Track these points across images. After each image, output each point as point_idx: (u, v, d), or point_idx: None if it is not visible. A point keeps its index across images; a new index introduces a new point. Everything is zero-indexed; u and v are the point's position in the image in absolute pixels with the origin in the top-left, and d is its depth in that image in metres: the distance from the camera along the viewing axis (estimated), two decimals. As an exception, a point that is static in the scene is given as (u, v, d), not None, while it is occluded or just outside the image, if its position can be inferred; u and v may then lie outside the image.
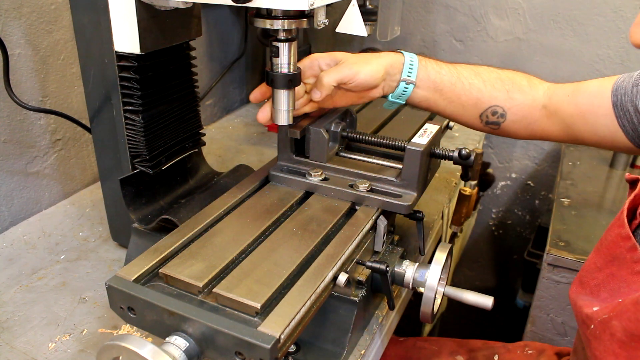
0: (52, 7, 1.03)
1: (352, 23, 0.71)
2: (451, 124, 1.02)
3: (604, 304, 0.61)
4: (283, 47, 0.72)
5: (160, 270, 0.62)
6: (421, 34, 1.71)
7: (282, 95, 0.76)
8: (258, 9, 0.68)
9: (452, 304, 1.55)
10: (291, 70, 0.74)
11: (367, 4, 1.31)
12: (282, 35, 0.71)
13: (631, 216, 0.65)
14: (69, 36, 1.08)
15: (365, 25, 1.32)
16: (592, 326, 0.61)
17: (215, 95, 1.61)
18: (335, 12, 0.77)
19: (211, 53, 1.53)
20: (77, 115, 1.14)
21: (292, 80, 0.74)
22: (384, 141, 0.84)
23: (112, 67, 0.77)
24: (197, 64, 0.89)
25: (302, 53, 1.72)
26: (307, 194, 0.81)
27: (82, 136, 1.16)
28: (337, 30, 0.72)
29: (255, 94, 0.83)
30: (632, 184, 0.67)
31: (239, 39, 1.62)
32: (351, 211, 0.77)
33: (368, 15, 1.31)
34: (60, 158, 1.13)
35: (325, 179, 0.81)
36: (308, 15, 0.69)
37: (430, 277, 0.74)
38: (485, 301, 0.74)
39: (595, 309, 0.62)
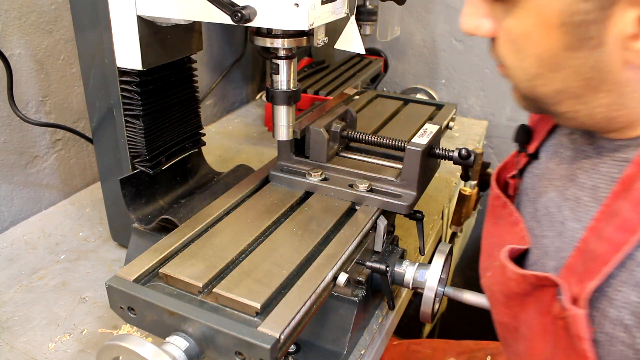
0: (52, 7, 1.03)
1: (350, 40, 0.72)
2: (451, 124, 1.01)
3: (495, 262, 0.65)
4: (283, 65, 0.73)
5: (160, 270, 0.62)
6: (421, 34, 1.71)
7: (282, 111, 0.76)
8: (258, 28, 0.68)
9: (452, 304, 1.55)
10: (291, 87, 0.75)
11: (367, 4, 1.31)
12: (282, 53, 0.71)
13: (504, 184, 0.75)
14: (69, 36, 1.08)
15: (366, 25, 1.32)
16: (488, 295, 0.67)
17: (215, 95, 1.61)
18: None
19: (211, 53, 1.53)
20: (77, 115, 1.14)
21: (292, 97, 0.75)
22: (384, 141, 0.84)
23: (114, 83, 0.79)
24: (197, 65, 0.89)
25: (303, 52, 1.72)
26: (307, 194, 0.81)
27: (82, 136, 1.17)
28: (336, 46, 0.73)
29: None
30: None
31: (239, 39, 1.62)
32: (351, 211, 0.77)
33: (368, 15, 1.31)
34: (60, 158, 1.13)
35: (325, 179, 0.81)
36: (308, 33, 0.70)
37: (430, 277, 0.74)
38: (485, 301, 0.74)
39: (488, 274, 0.66)
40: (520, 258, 0.63)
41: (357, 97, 1.10)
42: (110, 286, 0.59)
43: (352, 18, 0.71)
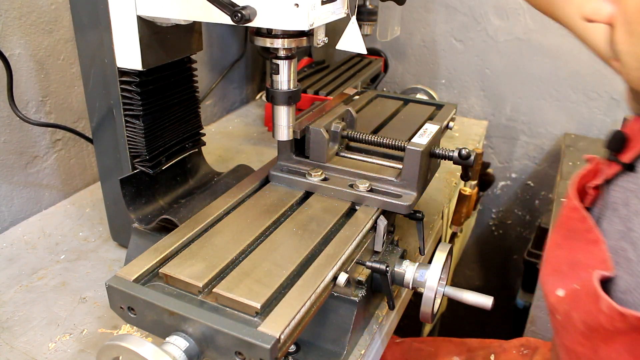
0: (52, 7, 1.03)
1: (351, 40, 0.73)
2: (451, 124, 1.01)
3: (566, 280, 0.60)
4: (283, 65, 0.73)
5: (160, 270, 0.62)
6: (421, 34, 1.71)
7: (282, 111, 0.76)
8: (258, 28, 0.68)
9: (452, 304, 1.55)
10: (291, 87, 0.75)
11: (367, 3, 1.31)
12: (282, 53, 0.72)
13: (582, 192, 0.66)
14: (69, 36, 1.08)
15: (366, 25, 1.32)
16: (559, 317, 0.61)
17: (215, 95, 1.61)
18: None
19: (211, 53, 1.53)
20: (77, 115, 1.14)
21: (292, 97, 0.75)
22: (384, 141, 0.84)
23: (114, 83, 0.79)
24: (197, 65, 0.89)
25: (303, 52, 1.72)
26: (307, 194, 0.81)
27: (82, 136, 1.17)
28: (337, 47, 0.74)
29: None
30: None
31: (239, 39, 1.62)
32: (351, 211, 0.77)
33: (368, 15, 1.31)
34: (60, 158, 1.13)
35: (325, 179, 0.81)
36: (308, 33, 0.70)
37: (430, 277, 0.74)
38: (485, 301, 0.74)
39: (558, 292, 0.60)
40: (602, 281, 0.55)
41: (357, 97, 1.10)
42: (110, 286, 0.59)
43: (353, 18, 0.71)
